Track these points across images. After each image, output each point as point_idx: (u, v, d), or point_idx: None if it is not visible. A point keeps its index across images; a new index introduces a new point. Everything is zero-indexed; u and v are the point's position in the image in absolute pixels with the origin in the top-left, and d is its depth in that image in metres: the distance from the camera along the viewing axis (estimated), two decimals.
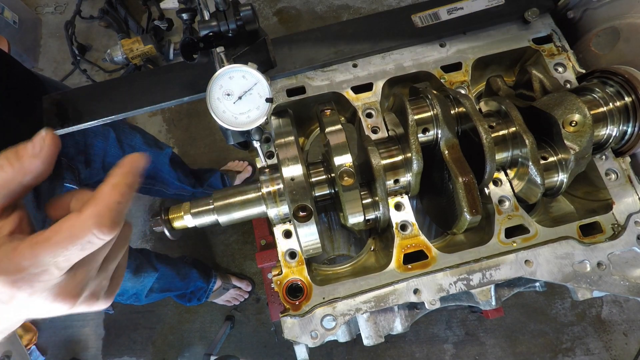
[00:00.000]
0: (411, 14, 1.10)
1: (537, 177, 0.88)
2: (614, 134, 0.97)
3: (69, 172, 1.37)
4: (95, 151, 1.50)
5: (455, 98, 0.94)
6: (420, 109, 0.93)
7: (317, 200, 0.97)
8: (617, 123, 0.96)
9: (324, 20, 3.01)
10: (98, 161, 1.52)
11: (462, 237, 1.09)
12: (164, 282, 1.97)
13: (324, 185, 0.96)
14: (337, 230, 1.17)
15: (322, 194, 0.96)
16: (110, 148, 1.56)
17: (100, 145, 1.51)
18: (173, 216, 0.90)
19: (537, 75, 0.98)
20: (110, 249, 0.51)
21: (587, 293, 0.92)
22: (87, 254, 0.46)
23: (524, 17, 1.07)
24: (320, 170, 0.97)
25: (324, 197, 0.97)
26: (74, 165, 1.40)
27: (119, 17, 3.04)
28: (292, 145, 0.91)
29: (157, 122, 2.91)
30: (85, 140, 1.44)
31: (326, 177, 0.96)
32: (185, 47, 0.85)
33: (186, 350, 2.47)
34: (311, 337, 0.90)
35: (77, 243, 0.44)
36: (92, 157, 1.49)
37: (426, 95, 0.94)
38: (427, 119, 0.92)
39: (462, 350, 2.32)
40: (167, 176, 1.96)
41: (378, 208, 0.93)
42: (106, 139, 1.53)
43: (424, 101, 0.94)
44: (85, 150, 1.45)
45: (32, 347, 2.46)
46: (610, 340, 2.29)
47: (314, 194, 0.95)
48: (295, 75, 1.08)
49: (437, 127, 0.91)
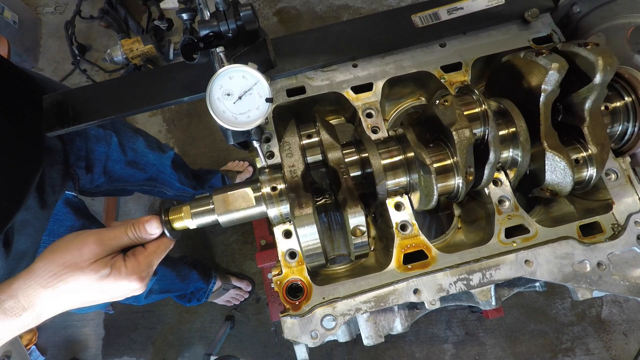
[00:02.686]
0: (411, 14, 1.10)
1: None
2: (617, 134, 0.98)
3: (70, 181, 1.35)
4: (97, 156, 1.48)
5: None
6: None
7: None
8: (617, 123, 0.96)
9: (324, 20, 3.01)
10: (99, 166, 1.50)
11: (463, 237, 1.10)
12: (164, 283, 1.96)
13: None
14: (337, 230, 1.17)
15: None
16: (113, 152, 1.54)
17: (102, 150, 1.49)
18: (173, 217, 0.90)
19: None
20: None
21: (587, 293, 0.92)
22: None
23: (524, 17, 1.07)
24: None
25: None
26: (74, 171, 1.38)
27: (119, 17, 3.04)
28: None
29: (157, 122, 2.91)
30: (87, 146, 1.42)
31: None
32: (185, 47, 0.85)
33: (186, 350, 2.47)
34: (311, 337, 0.89)
35: (167, 250, 0.87)
36: (94, 162, 1.47)
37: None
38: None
39: (462, 350, 2.32)
40: (168, 178, 1.96)
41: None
42: (108, 144, 1.52)
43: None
44: (87, 155, 1.43)
45: (32, 347, 2.46)
46: (610, 340, 2.29)
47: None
48: (295, 75, 1.08)
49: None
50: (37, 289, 0.73)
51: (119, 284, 0.78)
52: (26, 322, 0.74)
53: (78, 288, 0.75)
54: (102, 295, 0.79)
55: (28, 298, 0.73)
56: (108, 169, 1.55)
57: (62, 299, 0.76)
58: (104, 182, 1.56)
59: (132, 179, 1.74)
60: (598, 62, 0.86)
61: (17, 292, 0.73)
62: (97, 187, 1.57)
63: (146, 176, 1.81)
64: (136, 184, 1.82)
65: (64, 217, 1.34)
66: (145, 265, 0.82)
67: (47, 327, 2.59)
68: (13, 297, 0.72)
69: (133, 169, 1.69)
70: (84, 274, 0.75)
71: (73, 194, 1.39)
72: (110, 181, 1.61)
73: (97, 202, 2.72)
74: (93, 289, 0.77)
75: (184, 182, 2.06)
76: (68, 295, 0.75)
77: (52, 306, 0.76)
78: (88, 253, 0.77)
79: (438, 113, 0.90)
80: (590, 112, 0.92)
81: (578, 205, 1.07)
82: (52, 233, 1.29)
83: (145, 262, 0.82)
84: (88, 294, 0.77)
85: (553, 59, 0.88)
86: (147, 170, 1.79)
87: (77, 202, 1.41)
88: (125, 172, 1.66)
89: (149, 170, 1.80)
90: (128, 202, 2.77)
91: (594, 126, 0.92)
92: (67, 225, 1.35)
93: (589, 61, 0.88)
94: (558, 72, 0.87)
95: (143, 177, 1.80)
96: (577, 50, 0.91)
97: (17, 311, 0.72)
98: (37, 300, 0.73)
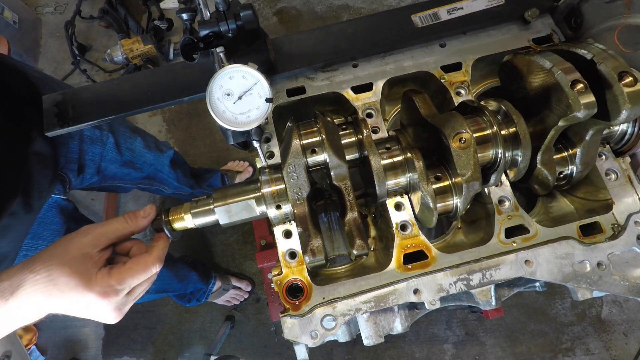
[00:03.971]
0: (411, 14, 1.10)
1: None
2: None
3: (59, 184, 1.30)
4: (90, 157, 1.42)
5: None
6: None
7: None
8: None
9: (324, 20, 3.01)
10: (92, 167, 1.45)
11: (463, 237, 1.10)
12: (161, 282, 1.94)
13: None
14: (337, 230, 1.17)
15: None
16: (108, 153, 1.50)
17: (96, 152, 1.44)
18: (173, 217, 0.90)
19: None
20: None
21: (587, 293, 0.92)
22: (143, 280, 0.80)
23: (524, 17, 1.07)
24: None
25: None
26: (64, 174, 1.33)
27: (119, 17, 3.04)
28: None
29: (157, 122, 2.91)
30: (80, 148, 1.37)
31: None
32: (185, 47, 0.85)
33: (186, 350, 2.47)
34: (311, 337, 0.89)
35: (147, 272, 0.79)
36: (86, 163, 1.41)
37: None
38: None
39: (462, 350, 2.32)
40: (166, 177, 1.95)
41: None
42: (104, 145, 1.47)
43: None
44: (79, 157, 1.37)
45: (32, 347, 2.46)
46: (610, 340, 2.29)
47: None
48: (295, 76, 1.08)
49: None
50: (25, 274, 0.72)
51: (82, 293, 0.72)
52: (12, 310, 0.71)
53: (54, 278, 0.72)
54: (64, 298, 0.72)
55: (18, 281, 0.71)
56: (102, 169, 1.51)
57: (41, 287, 0.72)
58: (96, 181, 1.53)
59: (128, 177, 1.72)
60: (626, 106, 0.82)
61: (13, 274, 0.72)
62: (89, 185, 1.54)
63: (143, 175, 1.79)
64: (132, 183, 1.80)
65: (49, 220, 1.30)
66: (115, 280, 0.74)
67: (47, 327, 2.59)
68: (9, 278, 0.72)
69: (129, 168, 1.66)
70: (61, 264, 0.72)
71: (62, 197, 1.33)
72: (104, 180, 1.58)
73: (97, 202, 2.72)
74: (62, 285, 0.72)
75: (182, 181, 2.05)
76: (46, 284, 0.72)
77: (34, 296, 0.72)
78: (76, 242, 0.75)
79: (453, 153, 0.86)
80: (589, 140, 0.92)
81: (578, 205, 1.07)
82: (35, 236, 1.25)
83: (117, 277, 0.74)
84: (58, 288, 0.72)
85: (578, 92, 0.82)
86: (144, 170, 1.76)
87: (66, 204, 1.35)
88: (121, 172, 1.63)
89: (146, 169, 1.78)
90: (128, 202, 2.77)
91: (587, 149, 0.93)
92: (53, 229, 1.30)
93: (617, 99, 0.84)
94: (589, 110, 0.82)
95: (140, 176, 1.78)
96: (612, 82, 0.84)
97: (7, 295, 0.70)
98: (23, 285, 0.71)
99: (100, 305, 0.74)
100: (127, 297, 0.78)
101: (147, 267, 0.78)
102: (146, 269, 0.78)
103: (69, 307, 0.74)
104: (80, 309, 0.74)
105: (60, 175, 1.31)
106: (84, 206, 2.74)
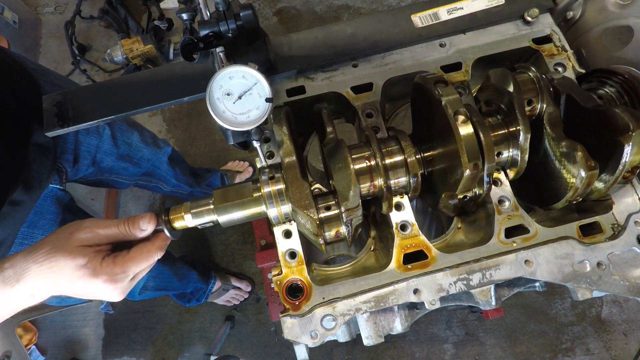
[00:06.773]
0: (411, 14, 1.10)
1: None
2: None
3: (55, 174, 1.33)
4: (86, 148, 1.44)
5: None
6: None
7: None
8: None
9: (324, 20, 3.01)
10: (88, 157, 1.47)
11: (463, 237, 1.09)
12: (160, 280, 1.93)
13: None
14: None
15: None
16: (104, 144, 1.51)
17: (92, 143, 1.46)
18: (173, 217, 0.90)
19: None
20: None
21: (587, 293, 0.92)
22: (145, 267, 0.84)
23: (524, 17, 1.07)
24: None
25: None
26: (61, 164, 1.35)
27: (119, 17, 3.04)
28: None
29: (157, 122, 2.91)
30: (76, 138, 1.39)
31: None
32: (185, 47, 0.85)
33: (186, 350, 2.47)
34: (311, 337, 0.90)
35: (149, 260, 0.83)
36: (81, 154, 1.43)
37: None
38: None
39: (462, 350, 2.32)
40: (164, 174, 1.95)
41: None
42: (99, 136, 1.48)
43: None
44: (75, 148, 1.39)
45: (32, 347, 2.46)
46: (610, 340, 2.29)
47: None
48: (295, 75, 1.08)
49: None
50: (29, 263, 0.75)
51: (89, 281, 0.77)
52: (18, 295, 0.75)
53: (58, 270, 0.76)
54: (71, 286, 0.77)
55: (22, 270, 0.75)
56: (97, 160, 1.52)
57: (46, 277, 0.76)
58: (92, 172, 1.55)
59: (126, 172, 1.72)
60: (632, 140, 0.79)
61: (16, 263, 0.75)
62: (85, 177, 1.55)
63: (141, 171, 1.80)
64: (130, 178, 1.81)
65: (45, 209, 1.32)
66: (120, 269, 0.79)
67: (47, 327, 2.59)
68: (13, 266, 0.75)
69: (126, 162, 1.67)
70: (64, 257, 0.76)
71: (58, 187, 1.36)
72: (101, 172, 1.59)
73: (97, 202, 2.72)
74: (67, 275, 0.76)
75: (180, 179, 2.05)
76: (50, 275, 0.75)
77: (39, 284, 0.76)
78: (78, 237, 0.78)
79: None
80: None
81: (578, 205, 1.07)
82: (32, 225, 1.28)
83: (121, 266, 0.79)
84: (64, 278, 0.77)
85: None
86: (141, 165, 1.77)
87: (62, 195, 1.38)
88: (118, 165, 1.64)
89: (143, 165, 1.78)
90: (128, 202, 2.77)
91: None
92: (49, 218, 1.33)
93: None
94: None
95: (138, 172, 1.79)
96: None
97: (12, 282, 0.74)
98: (28, 273, 0.75)
99: (107, 289, 0.79)
100: (131, 282, 0.83)
101: (150, 256, 0.83)
102: (149, 258, 0.83)
103: (75, 292, 0.79)
104: (86, 293, 0.80)
105: (57, 166, 1.33)
106: (84, 206, 2.70)
